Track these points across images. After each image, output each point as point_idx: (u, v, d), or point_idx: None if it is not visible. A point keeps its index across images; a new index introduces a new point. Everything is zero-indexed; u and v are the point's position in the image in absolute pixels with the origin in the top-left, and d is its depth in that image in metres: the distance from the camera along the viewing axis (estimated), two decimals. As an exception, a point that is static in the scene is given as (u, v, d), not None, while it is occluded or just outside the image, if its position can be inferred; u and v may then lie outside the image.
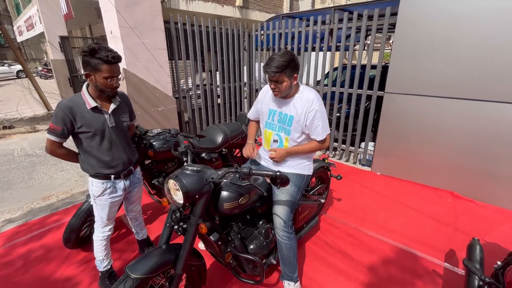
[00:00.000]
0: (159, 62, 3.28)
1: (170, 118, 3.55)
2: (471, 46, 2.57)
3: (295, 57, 1.54)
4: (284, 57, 1.49)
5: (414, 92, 3.00)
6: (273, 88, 1.57)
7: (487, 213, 2.64)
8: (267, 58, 4.51)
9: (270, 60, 1.51)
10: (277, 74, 1.48)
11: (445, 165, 2.98)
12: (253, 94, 4.95)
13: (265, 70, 1.52)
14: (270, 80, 1.55)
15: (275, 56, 1.50)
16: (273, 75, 1.49)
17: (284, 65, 1.48)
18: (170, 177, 1.27)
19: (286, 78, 1.52)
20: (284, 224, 1.60)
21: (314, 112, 1.58)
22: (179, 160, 2.48)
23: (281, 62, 1.47)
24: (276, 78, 1.51)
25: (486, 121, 2.64)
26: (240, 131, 2.90)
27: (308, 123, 1.61)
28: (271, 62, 1.49)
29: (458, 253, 2.12)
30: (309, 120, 1.60)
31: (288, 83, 1.55)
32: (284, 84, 1.53)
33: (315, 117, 1.59)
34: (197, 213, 1.30)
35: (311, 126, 1.61)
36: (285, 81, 1.53)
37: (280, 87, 1.54)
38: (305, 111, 1.60)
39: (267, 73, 1.51)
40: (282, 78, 1.51)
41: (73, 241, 2.02)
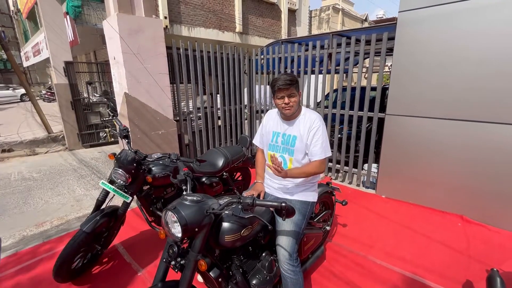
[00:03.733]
0: (161, 86, 3.31)
1: (171, 141, 3.52)
2: (465, 69, 2.60)
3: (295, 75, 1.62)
4: (290, 74, 1.57)
5: (415, 114, 2.98)
6: (286, 103, 1.57)
7: (501, 239, 2.52)
8: (267, 81, 4.62)
9: (277, 79, 1.56)
10: (290, 86, 1.53)
11: (453, 188, 2.89)
12: (254, 116, 4.96)
13: (276, 86, 1.55)
14: (283, 96, 1.56)
15: (280, 75, 1.57)
16: (287, 87, 1.53)
17: (294, 79, 1.55)
18: (168, 208, 1.20)
19: (296, 92, 1.58)
20: (289, 257, 1.49)
21: (315, 130, 1.59)
22: (180, 188, 2.40)
23: (290, 77, 1.54)
24: (289, 92, 1.55)
25: (494, 143, 2.59)
26: (241, 154, 2.85)
27: (309, 142, 1.59)
28: (279, 78, 1.55)
29: (476, 284, 1.98)
30: (310, 138, 1.59)
31: (298, 98, 1.60)
32: (295, 98, 1.58)
33: (315, 134, 1.59)
34: (196, 247, 1.21)
35: (310, 144, 1.59)
36: (296, 95, 1.58)
37: (292, 102, 1.57)
38: (307, 130, 1.60)
39: (280, 86, 1.53)
40: (294, 92, 1.56)
41: (64, 273, 1.89)
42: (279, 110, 1.66)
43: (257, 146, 1.94)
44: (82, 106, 5.97)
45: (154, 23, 3.18)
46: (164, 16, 8.37)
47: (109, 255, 2.34)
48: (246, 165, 2.98)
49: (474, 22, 2.51)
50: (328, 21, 16.33)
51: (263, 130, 1.84)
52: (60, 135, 6.36)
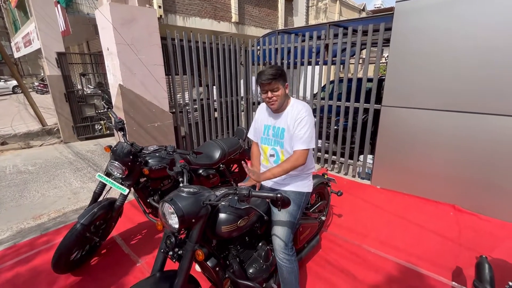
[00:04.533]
0: (156, 77, 3.27)
1: (167, 133, 3.50)
2: (461, 60, 2.60)
3: (283, 68, 1.62)
4: (274, 67, 1.57)
5: (411, 105, 3.00)
6: (270, 97, 1.58)
7: (491, 228, 2.59)
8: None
9: (261, 73, 1.57)
10: (272, 81, 1.53)
11: (446, 178, 2.94)
12: (250, 108, 4.94)
13: (259, 80, 1.56)
14: (266, 91, 1.57)
15: (265, 69, 1.57)
16: (269, 81, 1.53)
17: (277, 73, 1.54)
18: (165, 200, 1.21)
19: (280, 85, 1.57)
20: (284, 246, 1.53)
21: (300, 119, 1.58)
22: (176, 180, 2.41)
23: (273, 71, 1.54)
24: (271, 86, 1.54)
25: (485, 133, 2.63)
26: (238, 146, 2.86)
27: (294, 131, 1.59)
28: (262, 73, 1.55)
29: (466, 271, 2.04)
30: (295, 127, 1.58)
31: (282, 91, 1.59)
32: (279, 92, 1.58)
33: (299, 124, 1.57)
34: (193, 238, 1.23)
35: (294, 133, 1.57)
36: (280, 89, 1.58)
37: (276, 96, 1.57)
38: (293, 121, 1.60)
39: (262, 81, 1.54)
40: (277, 85, 1.56)
41: (62, 265, 1.91)
42: (266, 104, 1.68)
43: (252, 140, 1.95)
44: (76, 98, 5.89)
45: (148, 12, 3.12)
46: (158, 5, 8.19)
47: (108, 246, 2.36)
48: (242, 156, 2.99)
49: (472, 11, 2.50)
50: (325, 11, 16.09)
51: (256, 124, 1.85)
52: (55, 127, 6.29)
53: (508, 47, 2.38)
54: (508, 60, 2.40)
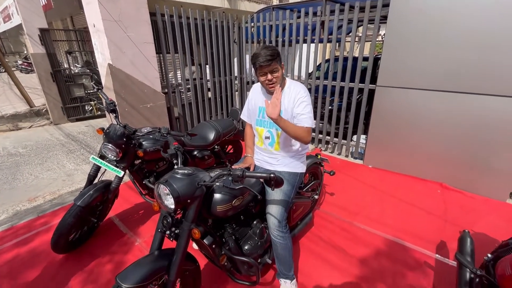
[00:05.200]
0: (146, 56, 3.16)
1: (160, 114, 3.45)
2: (459, 40, 2.57)
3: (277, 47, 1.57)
4: (270, 48, 1.52)
5: (405, 85, 3.00)
6: (270, 79, 1.54)
7: (475, 204, 2.71)
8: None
9: (257, 55, 1.50)
10: (271, 62, 1.49)
11: (435, 157, 3.02)
12: (244, 88, 4.87)
13: (256, 63, 1.50)
14: (265, 73, 1.53)
15: (260, 50, 1.51)
16: (268, 63, 1.48)
17: (274, 53, 1.50)
18: (160, 182, 1.22)
19: (279, 66, 1.54)
20: (278, 224, 1.58)
21: (301, 100, 1.58)
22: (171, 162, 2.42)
23: (270, 51, 1.49)
24: (271, 67, 1.51)
25: (474, 114, 2.68)
26: (232, 127, 2.85)
27: (295, 112, 1.59)
28: (259, 55, 1.49)
29: (449, 244, 2.17)
30: (295, 108, 1.59)
31: (281, 72, 1.57)
32: (278, 73, 1.55)
33: (301, 104, 1.58)
34: (190, 217, 1.26)
35: (297, 113, 1.58)
36: (279, 70, 1.55)
37: (276, 77, 1.54)
38: (292, 102, 1.60)
39: (261, 63, 1.48)
40: (276, 66, 1.53)
41: (62, 245, 1.96)
42: (264, 87, 1.64)
43: (246, 122, 1.94)
44: (64, 78, 5.68)
45: (135, -15, 2.94)
46: (146, -23, 7.69)
47: (106, 227, 2.41)
48: (237, 138, 2.99)
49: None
50: (322, -16, 15.41)
51: (249, 105, 1.83)
52: (43, 108, 6.12)
53: (501, 30, 2.36)
54: (501, 43, 2.38)
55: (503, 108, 2.51)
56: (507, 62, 2.40)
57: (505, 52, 2.39)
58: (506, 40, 2.37)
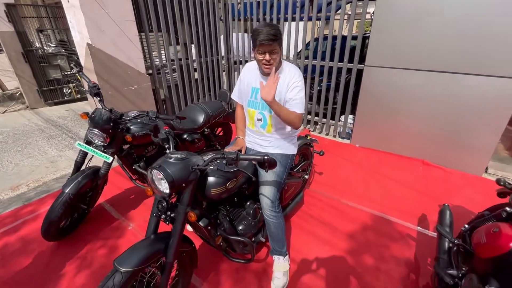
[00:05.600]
0: (128, 35, 2.99)
1: (145, 97, 3.34)
2: (444, 21, 2.59)
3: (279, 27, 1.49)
4: (274, 26, 1.42)
5: (392, 65, 3.02)
6: (267, 60, 1.48)
7: (453, 179, 2.88)
8: (244, 29, 4.31)
9: (259, 31, 1.41)
10: (273, 42, 1.41)
11: (417, 135, 3.14)
12: (232, 68, 4.75)
13: (257, 40, 1.41)
14: (264, 52, 1.46)
15: (263, 26, 1.41)
16: (270, 42, 1.40)
17: (277, 33, 1.42)
18: (153, 167, 1.21)
19: (279, 48, 1.48)
20: (271, 204, 1.62)
21: (295, 84, 1.56)
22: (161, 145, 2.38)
23: (273, 30, 1.40)
24: (271, 47, 1.44)
25: (454, 92, 2.76)
26: (222, 109, 2.81)
27: (287, 97, 1.57)
28: (261, 32, 1.40)
29: (429, 217, 2.32)
30: (289, 93, 1.57)
31: (280, 54, 1.51)
32: (277, 55, 1.48)
33: (295, 88, 1.56)
34: (185, 201, 1.27)
35: (290, 97, 1.56)
36: (278, 52, 1.49)
37: (274, 59, 1.48)
38: (286, 85, 1.57)
39: (262, 41, 1.40)
40: (277, 47, 1.46)
41: (52, 233, 1.93)
42: (259, 65, 1.58)
43: (236, 102, 1.91)
44: (37, 59, 5.30)
45: (111, -44, 2.71)
46: None
47: (96, 213, 2.38)
48: (227, 120, 2.96)
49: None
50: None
51: (241, 85, 1.79)
52: (17, 92, 5.75)
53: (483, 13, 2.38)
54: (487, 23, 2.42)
55: (482, 86, 2.60)
56: (485, 43, 2.46)
57: (485, 33, 2.44)
58: (486, 22, 2.40)
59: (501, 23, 2.36)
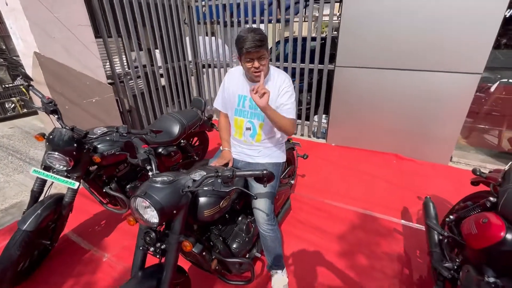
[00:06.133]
0: (83, 42, 2.67)
1: (109, 109, 3.02)
2: (407, 22, 2.74)
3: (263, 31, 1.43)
4: (257, 31, 1.36)
5: (361, 65, 3.13)
6: (256, 67, 1.40)
7: (424, 170, 3.06)
8: (211, 32, 4.16)
9: (244, 38, 1.33)
10: (260, 48, 1.34)
11: (388, 130, 3.30)
12: (200, 72, 4.56)
13: (243, 48, 1.33)
14: (251, 59, 1.38)
15: (247, 33, 1.33)
16: (257, 49, 1.33)
17: (263, 38, 1.35)
18: (137, 195, 1.05)
19: (266, 53, 1.41)
20: (267, 218, 1.54)
21: (285, 90, 1.51)
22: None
23: (258, 35, 1.33)
24: (259, 54, 1.36)
25: (419, 88, 2.94)
26: (197, 118, 2.66)
27: (278, 102, 1.51)
28: (246, 39, 1.32)
29: (410, 209, 2.42)
30: (279, 98, 1.51)
31: (268, 59, 1.44)
32: (265, 61, 1.41)
33: (286, 94, 1.51)
34: (176, 229, 1.13)
35: (281, 103, 1.51)
36: (266, 57, 1.41)
37: (263, 65, 1.41)
38: (277, 91, 1.51)
39: (249, 49, 1.32)
40: (264, 53, 1.39)
41: (8, 279, 1.61)
42: (249, 74, 1.49)
43: (220, 111, 1.80)
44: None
45: (56, -47, 2.39)
46: None
47: (62, 246, 2.07)
48: (203, 129, 2.81)
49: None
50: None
51: (225, 93, 1.68)
52: None
53: (446, 13, 2.57)
54: (446, 24, 2.61)
55: (443, 82, 2.80)
56: (445, 43, 2.66)
57: (444, 33, 2.63)
58: (445, 23, 2.59)
59: (457, 23, 2.56)
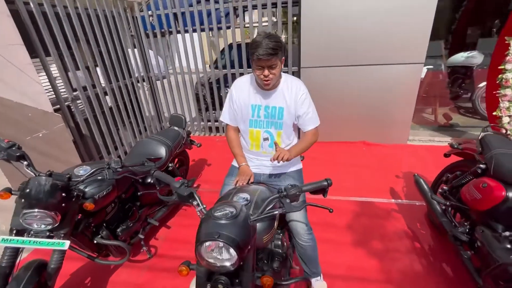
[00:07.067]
0: (17, 64, 2.14)
1: (60, 142, 2.49)
2: (361, 23, 3.05)
3: (281, 38, 1.37)
4: (273, 37, 1.30)
5: (323, 64, 3.35)
6: (265, 75, 1.34)
7: (390, 151, 3.46)
8: (162, 43, 3.85)
9: (257, 44, 1.27)
10: (273, 57, 1.28)
11: (354, 121, 3.61)
12: (155, 87, 4.18)
13: (255, 54, 1.27)
14: (262, 67, 1.32)
15: (262, 38, 1.28)
16: (269, 57, 1.27)
17: (277, 46, 1.29)
18: (205, 239, 0.88)
19: (279, 62, 1.36)
20: (306, 228, 1.49)
21: (303, 97, 1.51)
22: (119, 198, 1.81)
23: (273, 43, 1.27)
24: (270, 62, 1.30)
25: (375, 80, 3.32)
26: (180, 137, 2.45)
27: (299, 112, 1.51)
28: (260, 44, 1.26)
29: (395, 188, 2.69)
30: (299, 107, 1.50)
31: (280, 68, 1.39)
32: (277, 69, 1.36)
33: (304, 102, 1.51)
34: (250, 266, 0.99)
35: (302, 113, 1.52)
36: (278, 66, 1.36)
37: (273, 74, 1.35)
38: (294, 98, 1.50)
39: (260, 56, 1.26)
40: (276, 62, 1.33)
41: None
42: (258, 81, 1.43)
43: (228, 124, 1.67)
44: None
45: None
46: None
47: None
48: (185, 148, 2.59)
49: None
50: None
51: (234, 104, 1.58)
52: None
53: (392, 12, 2.95)
54: (391, 23, 2.99)
55: (394, 73, 3.22)
56: (392, 39, 3.06)
57: (392, 30, 3.03)
58: (390, 21, 2.99)
59: (397, 21, 2.97)
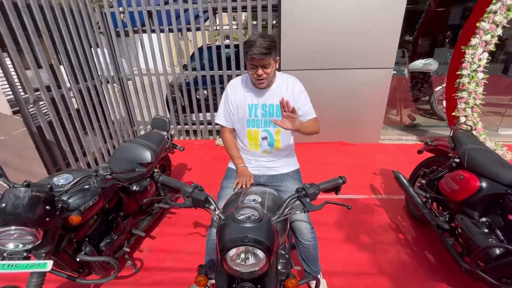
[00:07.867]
0: (-33, 60, 1.84)
1: (21, 149, 2.19)
2: (331, 27, 3.20)
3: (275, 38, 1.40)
4: (267, 37, 1.32)
5: (302, 68, 3.44)
6: (259, 75, 1.36)
7: (364, 150, 3.67)
8: (135, 41, 3.62)
9: (251, 43, 1.29)
10: (266, 56, 1.30)
11: (331, 122, 3.75)
12: (126, 88, 3.91)
13: (249, 53, 1.30)
14: (255, 66, 1.34)
15: (256, 37, 1.30)
16: (262, 56, 1.29)
17: (271, 46, 1.31)
18: (234, 245, 0.84)
19: (273, 61, 1.38)
20: (310, 227, 1.50)
21: (300, 91, 1.57)
22: (102, 209, 1.64)
23: (267, 42, 1.29)
24: (264, 62, 1.32)
25: (349, 83, 3.50)
26: (164, 140, 2.32)
27: (299, 104, 1.56)
28: (254, 44, 1.29)
29: (375, 184, 2.86)
30: (297, 100, 1.55)
31: (274, 67, 1.42)
32: (271, 68, 1.38)
33: (301, 95, 1.58)
34: (274, 269, 0.97)
35: (302, 105, 1.58)
36: (271, 65, 1.38)
37: (267, 73, 1.38)
38: (291, 92, 1.54)
39: (254, 55, 1.28)
40: (269, 61, 1.35)
41: None
42: (253, 80, 1.45)
43: (223, 126, 1.63)
44: None
45: None
46: None
47: None
48: (169, 152, 2.45)
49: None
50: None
51: (230, 106, 1.56)
52: None
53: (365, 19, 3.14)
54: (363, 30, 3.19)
55: (367, 76, 3.44)
56: (365, 46, 3.27)
57: (360, 37, 3.23)
58: (359, 29, 3.20)
59: (368, 29, 3.18)
